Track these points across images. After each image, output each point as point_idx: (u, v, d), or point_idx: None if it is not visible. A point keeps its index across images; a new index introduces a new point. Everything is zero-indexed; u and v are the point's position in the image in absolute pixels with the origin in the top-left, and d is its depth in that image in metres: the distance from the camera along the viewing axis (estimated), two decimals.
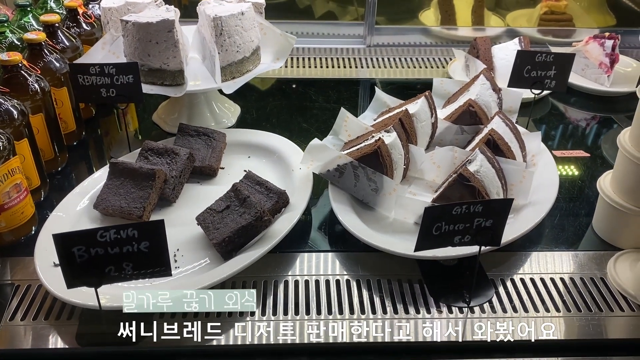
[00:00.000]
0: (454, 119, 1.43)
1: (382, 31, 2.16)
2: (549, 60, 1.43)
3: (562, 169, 1.49)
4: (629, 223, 1.16)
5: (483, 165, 1.20)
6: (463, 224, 0.95)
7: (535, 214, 1.21)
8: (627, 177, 1.14)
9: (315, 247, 1.22)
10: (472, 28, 2.20)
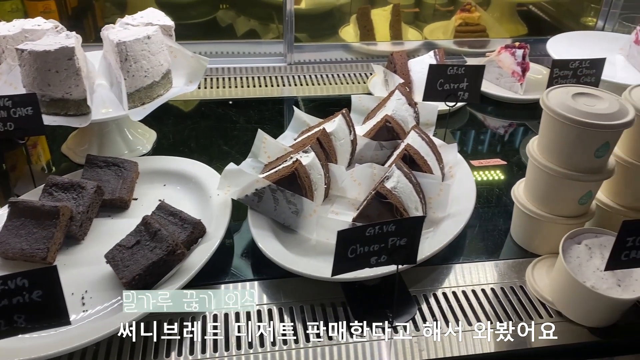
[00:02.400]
0: (372, 135, 1.43)
1: (303, 48, 2.15)
2: (460, 72, 1.45)
3: (480, 178, 1.52)
4: (543, 230, 1.19)
5: (400, 181, 1.20)
6: (378, 244, 0.94)
7: (454, 225, 1.22)
8: (538, 184, 1.17)
9: (240, 275, 1.17)
10: (391, 42, 2.22)
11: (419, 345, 1.01)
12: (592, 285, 1.00)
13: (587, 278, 1.01)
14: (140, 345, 1.00)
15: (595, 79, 1.51)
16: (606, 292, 0.99)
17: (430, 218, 1.27)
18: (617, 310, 1.02)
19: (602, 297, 0.98)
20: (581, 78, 1.51)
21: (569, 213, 1.15)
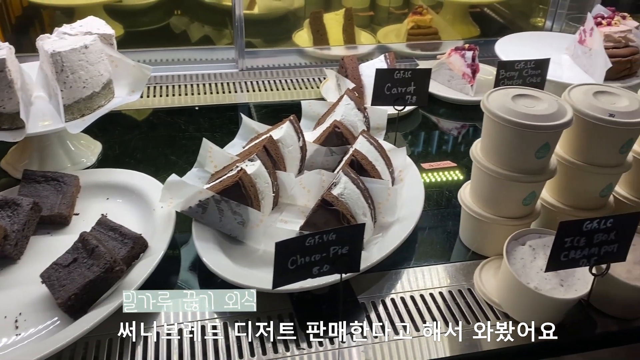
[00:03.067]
0: (321, 141, 1.42)
1: (256, 54, 2.13)
2: (407, 76, 1.45)
3: (431, 181, 1.52)
4: (489, 231, 1.19)
5: (347, 187, 1.19)
6: (319, 254, 0.92)
7: (403, 230, 1.21)
8: (482, 187, 1.17)
9: (187, 288, 1.14)
10: (344, 47, 2.22)
11: (366, 354, 1.00)
12: (535, 286, 1.00)
13: (530, 279, 1.01)
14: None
15: (540, 79, 1.53)
16: (549, 293, 0.99)
17: (380, 223, 1.26)
18: (561, 310, 1.02)
19: (545, 298, 0.99)
20: (527, 79, 1.52)
21: (514, 214, 1.16)
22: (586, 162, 1.12)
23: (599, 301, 1.08)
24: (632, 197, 1.23)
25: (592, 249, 0.93)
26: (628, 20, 1.68)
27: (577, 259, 0.93)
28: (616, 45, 1.62)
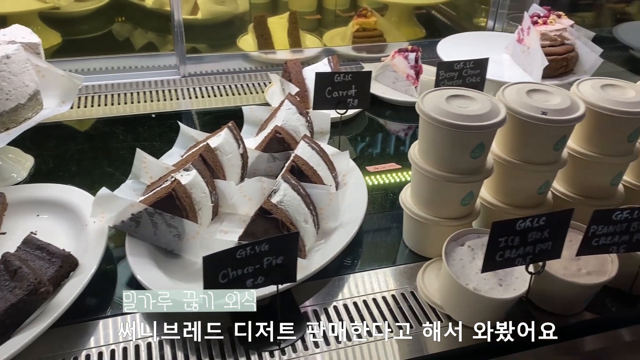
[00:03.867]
0: (262, 147, 1.39)
1: (199, 59, 2.08)
2: (347, 79, 1.44)
3: (375, 184, 1.51)
4: (430, 233, 1.18)
5: (287, 194, 1.16)
6: (252, 265, 0.89)
7: (345, 235, 1.19)
8: (421, 188, 1.16)
9: None
10: (289, 50, 2.20)
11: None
12: (474, 287, 1.00)
13: (470, 280, 1.01)
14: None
15: (480, 78, 1.54)
16: (488, 293, 0.99)
17: (324, 229, 1.24)
18: (500, 310, 1.02)
19: (484, 299, 0.98)
20: (467, 79, 1.53)
21: (454, 214, 1.16)
22: (522, 161, 1.13)
23: (538, 299, 1.09)
24: (570, 193, 1.24)
25: (527, 248, 0.93)
26: (563, 19, 1.72)
27: (513, 258, 0.93)
28: (552, 43, 1.65)
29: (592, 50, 1.66)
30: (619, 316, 1.11)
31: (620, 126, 1.13)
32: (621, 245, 0.99)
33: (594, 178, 1.21)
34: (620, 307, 1.11)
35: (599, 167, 1.19)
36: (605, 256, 1.07)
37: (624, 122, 1.12)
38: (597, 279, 1.03)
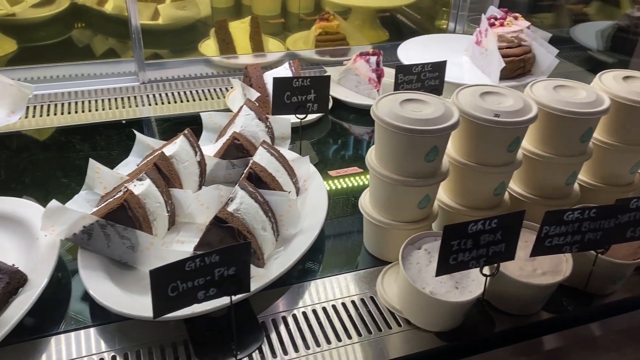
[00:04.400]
0: (221, 154, 1.37)
1: (160, 65, 2.05)
2: (306, 84, 1.43)
3: (337, 189, 1.50)
4: (389, 237, 1.18)
5: (244, 202, 1.14)
6: (203, 277, 0.87)
7: (305, 241, 1.18)
8: (378, 193, 1.16)
9: (82, 321, 1.06)
10: (252, 55, 2.18)
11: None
12: (430, 290, 0.99)
13: (426, 283, 1.01)
14: None
15: (439, 81, 1.55)
16: (444, 297, 0.99)
17: (284, 235, 1.23)
18: (457, 313, 1.02)
19: (440, 302, 0.98)
20: (425, 82, 1.54)
21: (411, 218, 1.16)
22: (477, 163, 1.13)
23: (496, 300, 1.09)
24: (527, 193, 1.26)
25: (480, 250, 0.93)
26: (520, 21, 1.74)
27: (466, 261, 0.93)
28: (509, 45, 1.67)
29: (548, 52, 1.68)
30: (575, 315, 1.12)
31: (572, 127, 1.15)
32: (574, 245, 1.00)
33: (549, 178, 1.22)
34: (577, 305, 1.13)
35: (553, 168, 1.20)
36: (560, 256, 1.08)
37: (576, 123, 1.14)
38: (552, 279, 1.04)
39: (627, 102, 1.18)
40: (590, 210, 0.97)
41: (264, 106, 1.70)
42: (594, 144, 1.25)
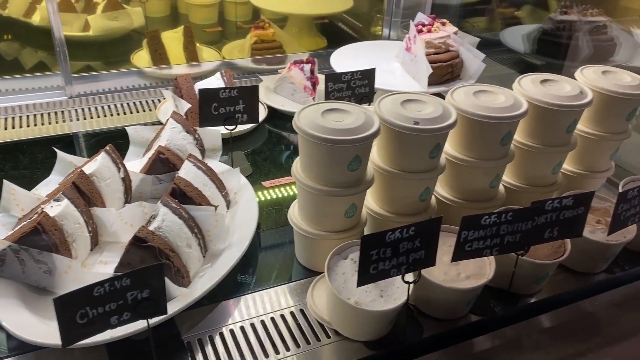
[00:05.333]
0: (146, 169, 1.33)
1: (89, 78, 1.99)
2: (234, 94, 1.41)
3: (271, 199, 1.48)
4: (319, 248, 1.17)
5: (166, 219, 1.11)
6: (115, 302, 0.84)
7: (233, 256, 1.16)
8: (305, 203, 1.15)
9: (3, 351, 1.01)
10: (186, 65, 2.14)
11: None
12: (356, 301, 0.99)
13: (352, 294, 1.00)
14: None
15: (369, 88, 1.55)
16: (369, 306, 0.99)
17: (212, 251, 1.21)
18: (383, 322, 1.02)
19: (365, 312, 0.98)
20: (356, 89, 1.54)
21: (340, 227, 1.15)
22: (400, 170, 1.14)
23: (423, 305, 1.10)
24: (453, 197, 1.27)
25: (400, 258, 0.93)
26: (447, 26, 1.77)
27: (387, 269, 0.93)
28: (437, 50, 1.69)
29: (475, 56, 1.72)
30: (502, 315, 1.14)
31: (492, 131, 1.17)
32: (494, 248, 1.02)
33: (473, 182, 1.24)
34: (503, 306, 1.15)
35: (476, 171, 1.22)
36: (484, 259, 1.09)
37: (496, 127, 1.16)
38: (476, 282, 1.05)
39: (544, 105, 1.21)
40: (507, 213, 0.99)
41: (196, 117, 1.66)
42: (515, 146, 1.28)
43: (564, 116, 1.23)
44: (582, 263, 1.21)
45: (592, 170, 1.40)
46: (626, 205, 1.11)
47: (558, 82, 1.27)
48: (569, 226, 1.05)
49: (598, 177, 1.41)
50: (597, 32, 1.92)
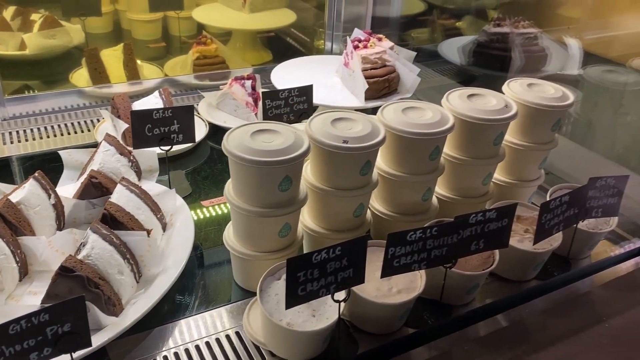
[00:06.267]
0: (78, 194, 1.30)
1: (24, 100, 1.94)
2: (168, 115, 1.40)
3: (211, 219, 1.48)
4: (254, 268, 1.17)
5: (96, 246, 1.09)
6: (33, 338, 0.82)
7: (167, 280, 1.15)
8: (239, 225, 1.15)
9: None
10: (127, 83, 2.11)
11: None
12: (288, 322, 0.99)
13: (284, 315, 1.01)
14: None
15: (307, 105, 1.57)
16: (301, 327, 0.99)
17: (147, 276, 1.19)
18: (317, 341, 1.02)
19: (297, 333, 0.98)
20: (294, 106, 1.55)
21: (274, 247, 1.15)
22: (333, 187, 1.15)
23: (358, 321, 1.11)
24: (388, 211, 1.29)
25: (328, 278, 0.94)
26: (384, 42, 1.80)
27: (316, 290, 0.94)
28: (373, 66, 1.72)
29: (411, 71, 1.75)
30: (435, 327, 1.16)
31: (420, 146, 1.20)
32: (421, 262, 1.04)
33: (406, 196, 1.27)
34: (437, 317, 1.17)
35: (408, 186, 1.25)
36: (415, 272, 1.12)
37: (423, 143, 1.19)
38: (407, 296, 1.07)
39: (470, 120, 1.25)
40: (432, 228, 1.01)
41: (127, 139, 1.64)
42: (446, 160, 1.31)
43: (490, 129, 1.27)
44: (512, 271, 1.25)
45: (522, 179, 1.44)
46: (549, 215, 1.15)
47: (484, 97, 1.32)
48: (494, 238, 1.09)
49: (528, 185, 1.46)
50: (529, 44, 1.99)
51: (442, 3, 2.79)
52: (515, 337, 1.15)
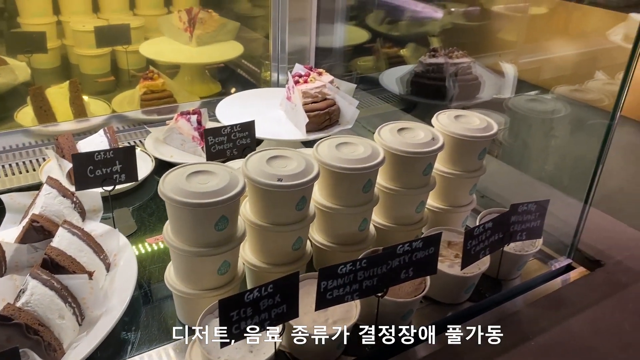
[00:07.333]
0: (19, 239, 1.31)
1: None
2: (109, 156, 1.42)
3: (156, 256, 1.49)
4: (196, 306, 1.19)
5: (35, 292, 1.11)
6: None
7: (109, 322, 1.17)
8: (178, 265, 1.18)
9: None
10: (74, 121, 2.12)
11: None
12: (225, 359, 1.03)
13: (222, 352, 1.04)
14: None
15: (250, 139, 1.61)
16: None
17: (90, 318, 1.20)
18: None
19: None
20: (237, 141, 1.60)
21: (214, 285, 1.19)
22: (270, 223, 1.20)
23: (298, 353, 1.15)
24: (327, 242, 1.34)
25: (262, 315, 0.98)
26: (324, 76, 1.88)
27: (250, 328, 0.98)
28: (314, 99, 1.79)
29: (350, 103, 1.83)
30: (372, 353, 1.21)
31: (352, 181, 1.26)
32: (354, 293, 1.09)
33: (343, 227, 1.32)
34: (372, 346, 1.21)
35: (343, 218, 1.30)
36: (350, 302, 1.16)
37: (355, 177, 1.25)
38: (342, 326, 1.12)
39: (399, 153, 1.32)
40: (361, 261, 1.07)
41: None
42: (380, 190, 1.38)
43: (418, 162, 1.34)
44: (445, 295, 1.32)
45: (454, 205, 1.52)
46: (474, 241, 1.22)
47: (413, 130, 1.39)
48: (422, 266, 1.15)
49: (461, 210, 1.54)
50: (462, 72, 2.10)
51: (386, 31, 2.90)
52: (448, 358, 1.21)
